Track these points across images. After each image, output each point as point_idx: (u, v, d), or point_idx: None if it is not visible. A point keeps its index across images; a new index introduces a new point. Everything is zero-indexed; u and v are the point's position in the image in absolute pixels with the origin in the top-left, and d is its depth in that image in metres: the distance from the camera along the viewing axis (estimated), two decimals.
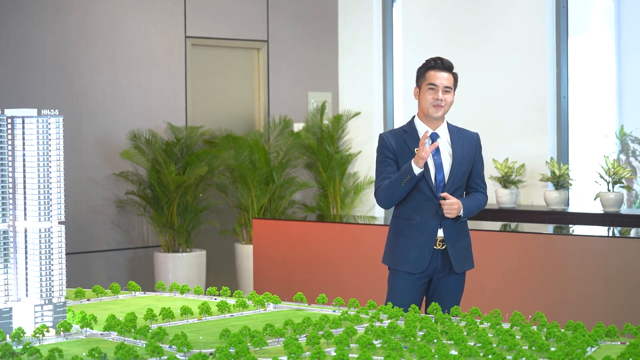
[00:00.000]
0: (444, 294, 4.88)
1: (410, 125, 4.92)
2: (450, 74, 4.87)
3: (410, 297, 4.81)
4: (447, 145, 4.88)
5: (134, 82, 9.02)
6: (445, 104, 4.83)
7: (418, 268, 4.84)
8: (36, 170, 3.69)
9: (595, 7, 9.49)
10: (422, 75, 4.89)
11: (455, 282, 4.90)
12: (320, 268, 7.31)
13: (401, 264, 4.88)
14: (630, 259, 5.96)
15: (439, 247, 4.84)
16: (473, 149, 4.93)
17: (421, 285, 4.88)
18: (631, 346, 3.16)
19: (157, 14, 9.16)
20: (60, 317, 3.76)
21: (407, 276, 4.87)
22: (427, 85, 4.84)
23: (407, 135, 4.89)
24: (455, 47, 9.36)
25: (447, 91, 4.84)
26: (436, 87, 4.82)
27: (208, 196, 9.42)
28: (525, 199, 8.81)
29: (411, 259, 4.84)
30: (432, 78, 4.84)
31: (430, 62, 4.88)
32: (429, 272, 4.86)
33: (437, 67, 4.85)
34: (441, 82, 4.83)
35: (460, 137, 4.92)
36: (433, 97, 4.82)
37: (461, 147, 4.88)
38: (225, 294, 4.48)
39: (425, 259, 4.82)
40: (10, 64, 8.32)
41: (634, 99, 9.35)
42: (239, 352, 3.18)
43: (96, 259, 8.81)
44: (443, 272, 4.87)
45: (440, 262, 4.86)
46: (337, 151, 9.90)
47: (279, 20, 9.98)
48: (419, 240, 4.83)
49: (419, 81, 4.91)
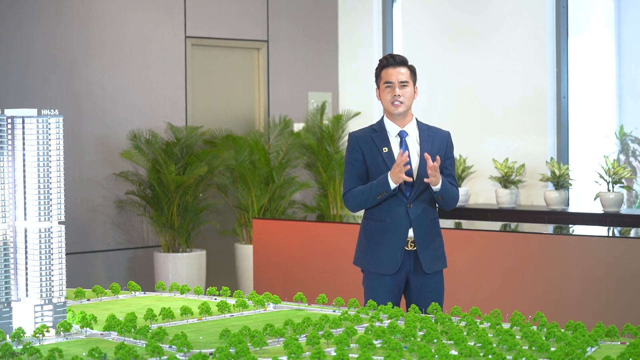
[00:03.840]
0: (423, 294, 4.85)
1: (380, 124, 4.91)
2: (406, 67, 4.85)
3: (387, 298, 4.77)
4: (415, 143, 4.85)
5: (134, 82, 9.02)
6: (405, 98, 4.81)
7: (391, 269, 4.82)
8: (36, 170, 3.69)
9: (595, 7, 9.49)
10: (378, 75, 4.89)
11: (432, 281, 4.86)
12: (320, 268, 7.31)
13: (374, 265, 4.87)
14: (630, 259, 5.95)
15: (410, 247, 4.82)
16: (443, 147, 4.89)
17: (396, 286, 4.85)
18: (631, 346, 3.16)
19: (157, 14, 9.17)
20: (60, 317, 3.76)
21: (381, 277, 4.85)
22: (384, 84, 4.84)
23: (376, 135, 4.88)
24: (455, 47, 9.36)
25: (404, 85, 4.82)
26: (392, 84, 4.82)
27: (208, 196, 9.42)
28: (525, 199, 8.81)
29: (383, 261, 4.83)
30: (387, 76, 4.84)
31: (383, 61, 4.88)
32: (402, 273, 4.84)
33: (390, 64, 4.84)
34: (397, 77, 4.81)
35: (430, 135, 4.88)
36: (391, 94, 4.82)
37: (430, 145, 4.84)
38: (225, 294, 4.48)
39: (397, 260, 4.80)
40: (11, 64, 8.32)
41: (634, 99, 9.35)
42: (239, 352, 3.18)
43: (96, 259, 8.81)
44: (417, 273, 4.84)
45: (413, 263, 4.83)
46: (337, 151, 9.90)
47: (279, 20, 9.98)
48: (390, 242, 4.81)
49: (377, 82, 4.91)
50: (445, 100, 9.36)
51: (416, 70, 4.91)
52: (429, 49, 9.52)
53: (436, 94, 9.39)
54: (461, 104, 9.32)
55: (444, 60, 9.42)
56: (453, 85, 9.33)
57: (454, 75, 9.33)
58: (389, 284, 4.84)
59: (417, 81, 4.90)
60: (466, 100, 9.30)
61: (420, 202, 4.81)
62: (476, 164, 9.05)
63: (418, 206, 4.80)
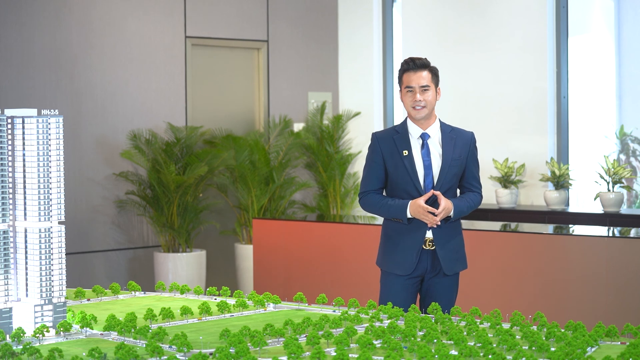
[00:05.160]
0: (437, 295, 4.84)
1: (403, 126, 4.89)
2: (427, 70, 4.82)
3: (402, 298, 4.77)
4: (437, 146, 4.83)
5: (134, 82, 9.02)
6: (427, 103, 4.79)
7: (406, 270, 4.81)
8: (36, 170, 3.69)
9: (595, 7, 9.49)
10: (400, 79, 4.87)
11: (447, 283, 4.85)
12: (320, 268, 7.31)
13: (390, 266, 4.87)
14: (630, 259, 5.95)
15: (429, 247, 4.81)
16: (466, 149, 4.87)
17: (412, 287, 4.85)
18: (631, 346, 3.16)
19: (157, 14, 9.17)
20: (60, 317, 3.76)
21: (397, 278, 4.85)
22: (405, 88, 4.82)
23: (398, 136, 4.86)
24: (455, 47, 9.36)
25: (426, 90, 4.80)
26: (413, 89, 4.79)
27: (208, 196, 9.42)
28: (525, 199, 8.81)
29: (399, 261, 4.83)
30: (408, 80, 4.81)
31: (404, 65, 4.85)
32: (419, 274, 4.83)
33: (411, 68, 4.81)
34: (417, 82, 4.79)
35: (453, 137, 4.86)
36: (412, 99, 4.80)
37: (452, 147, 4.82)
38: (225, 294, 4.48)
39: (412, 260, 4.80)
40: (11, 64, 8.32)
41: (634, 99, 9.35)
42: (239, 352, 3.18)
43: (96, 259, 8.81)
44: (433, 273, 4.84)
45: (430, 263, 4.82)
46: (337, 151, 9.90)
47: (279, 20, 9.98)
48: (407, 242, 4.81)
49: (399, 85, 4.89)
50: (445, 100, 9.35)
51: (438, 72, 4.88)
52: (429, 49, 9.52)
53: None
54: (461, 104, 9.32)
55: (444, 60, 9.42)
56: (453, 85, 9.33)
57: (454, 75, 9.33)
58: (404, 284, 4.83)
59: (439, 82, 4.88)
60: (466, 100, 9.30)
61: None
62: None
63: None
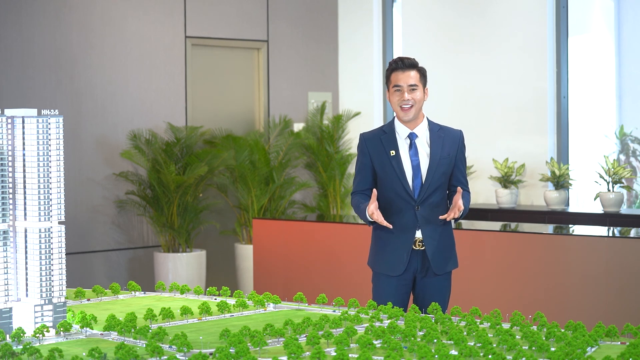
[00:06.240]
0: (429, 295, 4.82)
1: (390, 126, 4.89)
2: (415, 70, 4.80)
3: (393, 299, 4.76)
4: (425, 146, 4.83)
5: (134, 82, 9.02)
6: (415, 102, 4.78)
7: (397, 270, 4.81)
8: (36, 170, 3.69)
9: (595, 7, 9.49)
10: (388, 78, 4.86)
11: (439, 282, 4.84)
12: (320, 268, 7.31)
13: (380, 266, 4.87)
14: (630, 259, 5.95)
15: (418, 247, 4.80)
16: (455, 147, 4.86)
17: (403, 287, 4.84)
18: (631, 346, 3.16)
19: (157, 14, 9.17)
20: (60, 317, 3.76)
21: (388, 278, 4.85)
22: (393, 87, 4.81)
23: (385, 137, 4.86)
24: (455, 47, 9.36)
25: (414, 89, 4.78)
26: (401, 88, 4.78)
27: (208, 196, 9.42)
28: (525, 199, 8.81)
29: (390, 261, 4.82)
30: (396, 79, 4.80)
31: (392, 64, 4.84)
32: (409, 274, 4.83)
33: (399, 67, 4.80)
34: (405, 81, 4.77)
35: (441, 135, 4.85)
36: (399, 98, 4.79)
37: (441, 146, 4.82)
38: (225, 294, 4.47)
39: (402, 260, 4.79)
40: (11, 64, 8.32)
41: (634, 99, 9.35)
42: (239, 352, 3.18)
43: (96, 259, 8.81)
44: (424, 273, 4.83)
45: (420, 263, 4.81)
46: (337, 151, 9.90)
47: (279, 20, 9.98)
48: (397, 243, 4.81)
49: (387, 84, 4.88)
50: (445, 100, 9.36)
51: (426, 72, 4.88)
52: (429, 49, 9.52)
53: (436, 94, 9.37)
54: (461, 103, 9.32)
55: (444, 60, 9.42)
56: (453, 85, 9.33)
57: (454, 75, 9.33)
58: (396, 284, 4.83)
59: (427, 83, 4.88)
60: (466, 100, 9.30)
61: (428, 204, 4.79)
62: (476, 164, 9.04)
63: (426, 208, 4.78)
